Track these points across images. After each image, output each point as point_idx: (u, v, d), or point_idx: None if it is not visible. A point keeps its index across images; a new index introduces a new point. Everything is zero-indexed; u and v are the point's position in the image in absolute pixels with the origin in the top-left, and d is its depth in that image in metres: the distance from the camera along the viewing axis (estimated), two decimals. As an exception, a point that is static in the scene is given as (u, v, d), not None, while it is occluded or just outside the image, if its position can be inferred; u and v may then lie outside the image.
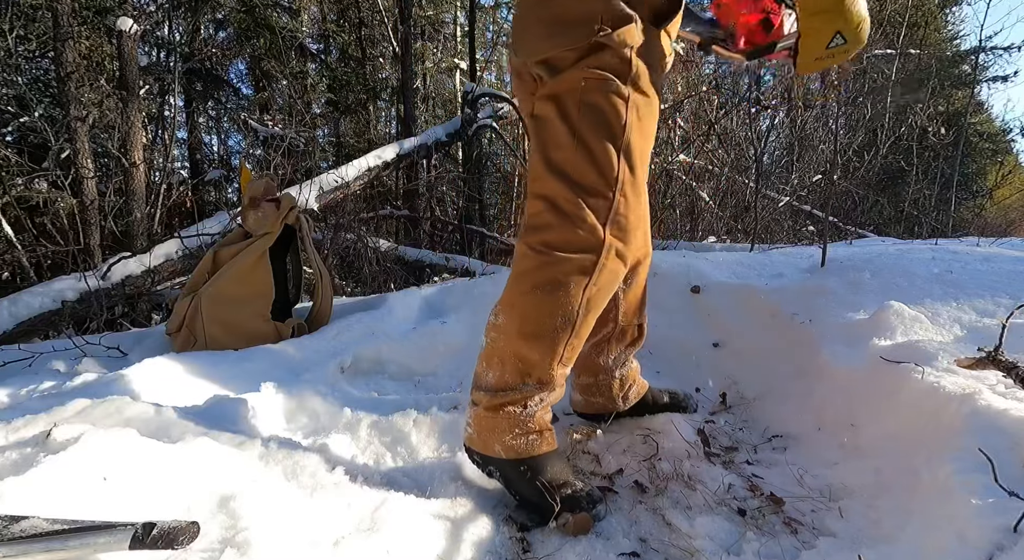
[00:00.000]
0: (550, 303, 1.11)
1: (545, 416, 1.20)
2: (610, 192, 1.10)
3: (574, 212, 1.10)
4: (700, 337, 1.93)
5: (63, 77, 4.10)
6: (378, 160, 4.54)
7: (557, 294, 1.11)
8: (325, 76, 7.94)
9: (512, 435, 1.15)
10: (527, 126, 1.25)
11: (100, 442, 0.97)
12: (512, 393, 1.15)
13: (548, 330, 1.12)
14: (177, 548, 0.77)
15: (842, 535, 1.06)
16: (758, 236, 4.30)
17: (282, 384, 1.56)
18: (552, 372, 1.15)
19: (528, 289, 1.12)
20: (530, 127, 1.17)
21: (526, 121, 1.23)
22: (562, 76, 1.08)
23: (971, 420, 1.07)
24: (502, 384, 1.15)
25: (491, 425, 1.16)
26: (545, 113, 1.12)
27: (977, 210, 9.41)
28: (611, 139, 1.09)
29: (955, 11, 11.55)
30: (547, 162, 1.11)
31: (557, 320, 1.12)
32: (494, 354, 1.17)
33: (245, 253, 2.14)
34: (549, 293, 1.11)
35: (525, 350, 1.14)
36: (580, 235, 1.10)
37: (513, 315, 1.15)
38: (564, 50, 1.07)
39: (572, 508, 1.12)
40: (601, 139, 1.09)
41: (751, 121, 5.12)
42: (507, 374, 1.15)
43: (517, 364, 1.15)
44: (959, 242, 3.31)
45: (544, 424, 1.19)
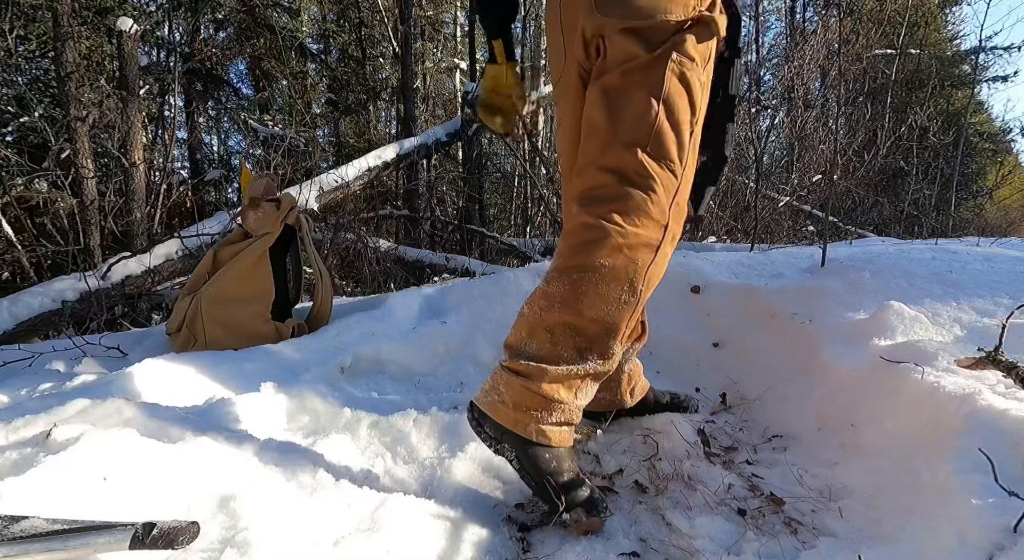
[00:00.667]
0: (618, 276, 1.07)
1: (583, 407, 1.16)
2: (679, 173, 1.10)
3: (648, 186, 1.08)
4: (700, 337, 1.93)
5: (63, 77, 4.11)
6: (378, 160, 4.54)
7: (627, 268, 1.07)
8: (325, 76, 7.94)
9: (554, 421, 1.10)
10: (567, 95, 1.21)
11: (100, 442, 0.97)
12: (568, 367, 1.09)
13: (614, 304, 1.08)
14: (177, 548, 0.77)
15: (842, 535, 1.06)
16: (758, 236, 4.30)
17: (282, 384, 1.56)
18: (613, 349, 1.11)
19: (592, 260, 1.07)
20: (595, 96, 1.13)
21: (569, 88, 1.20)
22: (658, 48, 1.05)
23: (971, 420, 1.07)
24: (553, 356, 1.09)
25: (535, 403, 1.09)
26: (625, 85, 1.08)
27: (977, 210, 9.41)
28: (690, 122, 1.09)
29: (955, 11, 11.57)
30: (621, 134, 1.08)
31: (623, 295, 1.08)
32: (540, 324, 1.10)
33: (245, 253, 2.14)
34: (617, 267, 1.07)
35: (585, 323, 1.08)
36: (652, 211, 1.08)
37: (572, 285, 1.09)
38: (667, 19, 1.05)
39: (589, 509, 1.10)
40: (683, 120, 1.08)
41: (751, 121, 5.12)
42: (559, 347, 1.09)
43: (574, 338, 1.09)
44: (959, 242, 3.31)
45: (579, 416, 1.15)
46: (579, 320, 1.09)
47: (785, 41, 11.10)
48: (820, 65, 6.45)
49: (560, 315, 1.09)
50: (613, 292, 1.08)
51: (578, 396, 1.13)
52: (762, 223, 4.79)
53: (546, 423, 1.11)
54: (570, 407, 1.12)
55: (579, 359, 1.10)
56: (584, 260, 1.08)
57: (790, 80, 6.08)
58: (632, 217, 1.08)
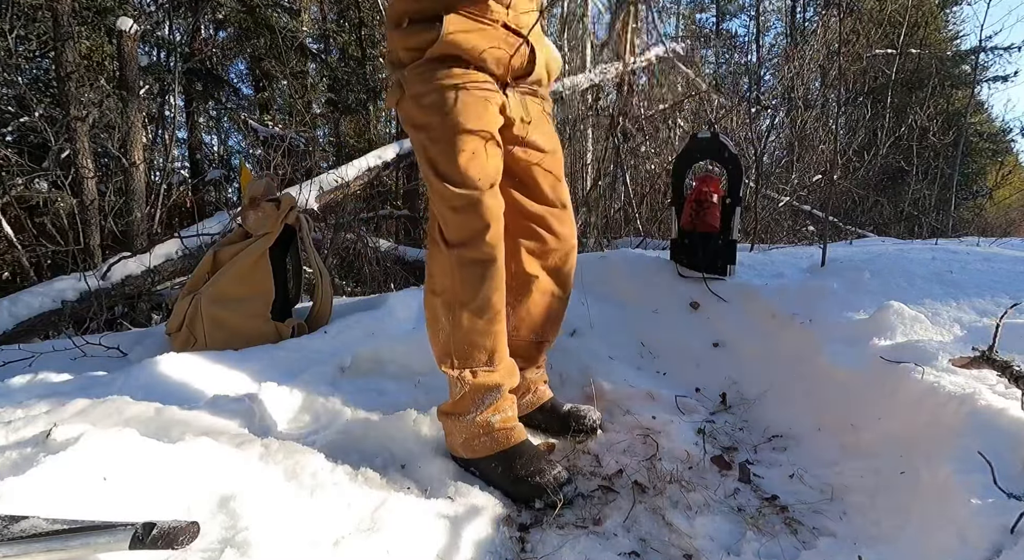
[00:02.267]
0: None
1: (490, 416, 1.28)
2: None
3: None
4: (700, 337, 1.93)
5: (63, 77, 4.10)
6: (378, 160, 4.54)
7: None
8: (325, 76, 7.94)
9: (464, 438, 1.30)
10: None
11: (100, 442, 0.97)
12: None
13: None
14: (177, 548, 0.77)
15: (842, 535, 1.06)
16: (758, 236, 4.30)
17: (282, 384, 1.56)
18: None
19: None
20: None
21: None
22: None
23: (971, 420, 1.07)
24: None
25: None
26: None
27: (977, 210, 9.40)
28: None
29: (955, 11, 11.55)
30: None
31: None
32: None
33: (245, 253, 2.14)
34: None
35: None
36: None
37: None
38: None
39: (540, 495, 1.19)
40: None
41: (751, 121, 5.12)
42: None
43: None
44: (959, 242, 3.30)
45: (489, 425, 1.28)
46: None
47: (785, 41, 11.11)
48: (820, 65, 6.45)
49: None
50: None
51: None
52: (762, 223, 4.79)
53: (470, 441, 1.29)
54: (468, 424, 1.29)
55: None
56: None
57: (790, 80, 6.08)
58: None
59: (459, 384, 1.27)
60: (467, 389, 1.26)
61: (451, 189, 1.19)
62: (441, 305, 1.26)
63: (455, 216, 1.21)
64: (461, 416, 1.28)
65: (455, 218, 1.21)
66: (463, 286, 1.22)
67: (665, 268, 2.20)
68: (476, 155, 1.21)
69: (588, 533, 1.11)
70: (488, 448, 1.26)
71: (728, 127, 5.45)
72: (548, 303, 1.44)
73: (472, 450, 1.28)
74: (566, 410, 1.48)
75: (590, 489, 1.26)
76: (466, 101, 1.20)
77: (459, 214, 1.21)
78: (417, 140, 1.25)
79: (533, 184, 1.37)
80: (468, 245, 1.21)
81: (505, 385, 1.30)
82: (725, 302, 2.00)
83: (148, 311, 3.62)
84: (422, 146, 1.24)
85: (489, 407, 1.27)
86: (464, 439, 1.28)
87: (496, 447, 1.26)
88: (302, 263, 2.42)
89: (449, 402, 1.31)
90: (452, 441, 1.31)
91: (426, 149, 1.23)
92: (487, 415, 1.27)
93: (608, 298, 2.12)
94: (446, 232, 1.24)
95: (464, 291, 1.22)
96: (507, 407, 1.30)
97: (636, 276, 2.18)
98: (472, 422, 1.27)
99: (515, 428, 1.30)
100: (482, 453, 1.27)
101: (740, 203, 2.09)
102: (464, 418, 1.27)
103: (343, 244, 4.27)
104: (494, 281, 1.23)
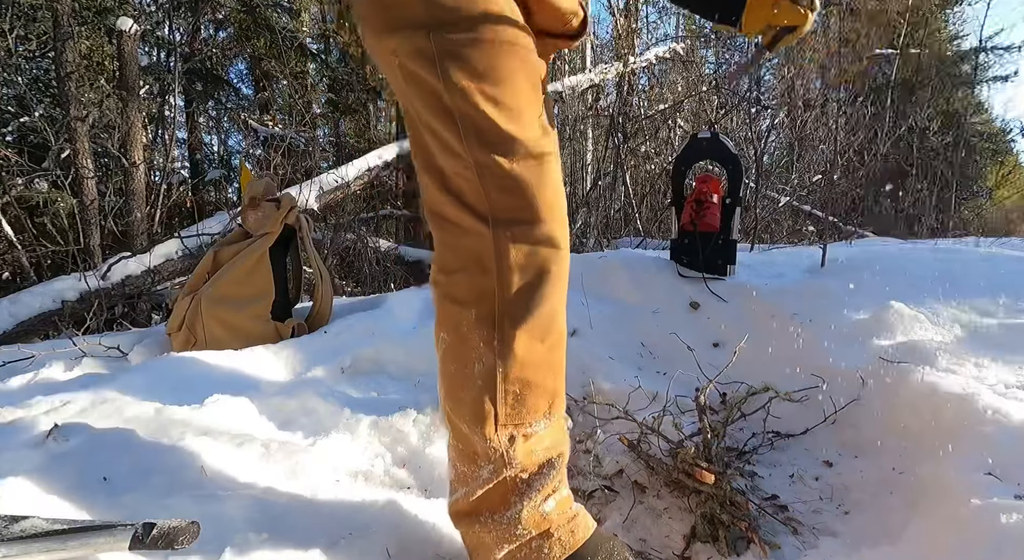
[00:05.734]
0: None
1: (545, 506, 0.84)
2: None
3: None
4: (700, 337, 1.93)
5: (63, 77, 4.10)
6: (379, 160, 4.54)
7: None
8: (325, 76, 7.94)
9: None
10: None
11: (100, 442, 0.97)
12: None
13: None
14: (177, 548, 0.77)
15: (842, 535, 1.06)
16: (758, 236, 4.30)
17: (282, 384, 1.56)
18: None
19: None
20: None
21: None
22: None
23: (971, 420, 1.07)
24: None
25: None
26: None
27: (977, 210, 9.40)
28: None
29: (955, 11, 11.55)
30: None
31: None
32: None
33: (245, 253, 2.14)
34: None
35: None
36: None
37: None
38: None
39: None
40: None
41: (751, 121, 5.12)
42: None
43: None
44: (959, 242, 3.31)
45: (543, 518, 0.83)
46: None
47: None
48: (820, 65, 6.45)
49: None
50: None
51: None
52: (762, 223, 4.79)
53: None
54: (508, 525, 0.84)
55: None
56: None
57: (790, 80, 6.08)
58: None
59: (493, 457, 0.81)
60: (511, 466, 0.81)
61: (511, 122, 0.78)
62: (473, 321, 0.81)
63: (516, 173, 0.79)
64: (495, 514, 0.82)
65: (515, 176, 0.79)
66: (517, 290, 0.80)
67: (665, 268, 2.20)
68: (541, 104, 0.85)
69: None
70: (546, 558, 0.82)
71: (728, 127, 5.46)
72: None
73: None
74: None
75: (590, 489, 1.26)
76: (517, 15, 0.82)
77: (523, 170, 0.79)
78: (440, 44, 0.77)
79: None
80: (534, 222, 0.80)
81: (566, 452, 0.88)
82: (725, 302, 2.00)
83: (148, 311, 3.62)
84: (452, 52, 0.77)
85: (543, 492, 0.83)
86: (509, 552, 0.82)
87: (556, 554, 0.82)
88: (302, 263, 2.42)
89: (471, 497, 0.84)
90: (486, 555, 0.84)
91: (461, 55, 0.77)
92: (539, 505, 0.82)
93: (608, 298, 2.11)
94: (491, 199, 0.79)
95: (518, 298, 0.80)
96: (563, 485, 0.87)
97: (636, 276, 2.18)
98: (516, 520, 0.81)
99: (579, 516, 0.86)
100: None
101: (740, 203, 2.09)
102: (503, 516, 0.82)
103: (343, 244, 4.27)
104: (562, 283, 0.84)
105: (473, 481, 0.84)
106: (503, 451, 0.81)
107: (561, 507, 0.84)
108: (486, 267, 0.80)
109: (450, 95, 0.78)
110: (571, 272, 0.92)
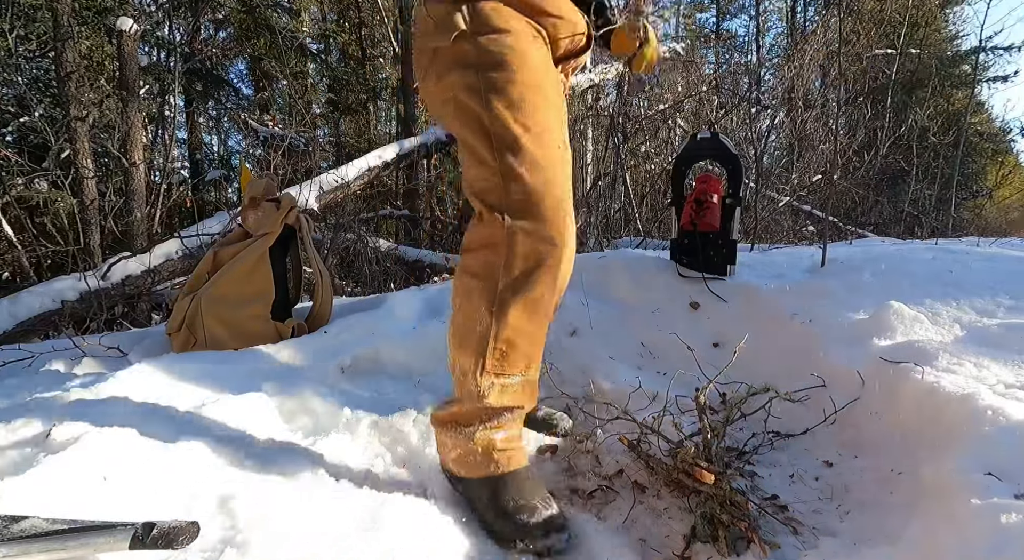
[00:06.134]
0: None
1: (493, 435, 1.10)
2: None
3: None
4: (700, 337, 1.93)
5: (63, 77, 4.11)
6: (378, 160, 4.54)
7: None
8: (325, 76, 7.95)
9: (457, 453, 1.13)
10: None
11: (100, 442, 0.97)
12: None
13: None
14: (177, 548, 0.77)
15: (843, 535, 1.06)
16: (758, 236, 4.30)
17: (282, 384, 1.56)
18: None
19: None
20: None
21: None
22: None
23: (971, 420, 1.07)
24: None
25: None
26: None
27: (977, 210, 9.40)
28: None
29: (955, 11, 11.56)
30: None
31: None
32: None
33: (245, 253, 2.14)
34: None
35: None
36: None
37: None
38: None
39: (523, 538, 1.04)
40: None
41: (751, 121, 5.12)
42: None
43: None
44: (959, 242, 3.31)
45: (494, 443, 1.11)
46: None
47: (785, 41, 11.11)
48: (820, 65, 6.45)
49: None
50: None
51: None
52: (762, 223, 4.79)
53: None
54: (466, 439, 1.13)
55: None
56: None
57: (790, 80, 6.08)
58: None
59: (476, 393, 1.08)
60: (484, 401, 1.08)
61: (533, 140, 1.00)
62: (482, 291, 1.05)
63: (530, 175, 1.00)
64: (461, 428, 1.10)
65: (528, 178, 1.00)
66: (521, 271, 1.02)
67: (665, 268, 2.20)
68: (558, 116, 1.05)
69: (588, 533, 1.10)
70: (481, 469, 1.10)
71: (728, 127, 5.46)
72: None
73: (464, 467, 1.12)
74: (540, 416, 1.45)
75: (590, 489, 1.26)
76: (549, 66, 1.07)
77: (535, 174, 1.01)
78: (483, 83, 1.01)
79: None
80: (540, 217, 1.01)
81: (526, 408, 1.14)
82: (725, 302, 2.00)
83: (148, 311, 3.62)
84: (494, 87, 1.00)
85: (498, 426, 1.10)
86: (458, 454, 1.12)
87: (490, 470, 1.09)
88: (302, 263, 2.42)
89: (450, 409, 1.13)
90: (443, 452, 1.16)
91: (501, 91, 1.00)
92: (491, 432, 1.10)
93: (608, 298, 2.12)
94: (508, 196, 1.01)
95: (517, 279, 1.02)
96: (515, 427, 1.13)
97: (636, 276, 2.18)
98: (471, 437, 1.10)
99: (516, 451, 1.13)
100: (473, 473, 1.11)
101: (740, 203, 2.09)
102: (464, 431, 1.10)
103: (343, 244, 4.27)
104: (563, 269, 1.05)
105: (456, 402, 1.13)
106: (482, 390, 1.07)
107: (507, 441, 1.11)
108: (498, 250, 1.03)
109: (490, 119, 1.01)
110: (571, 272, 1.06)
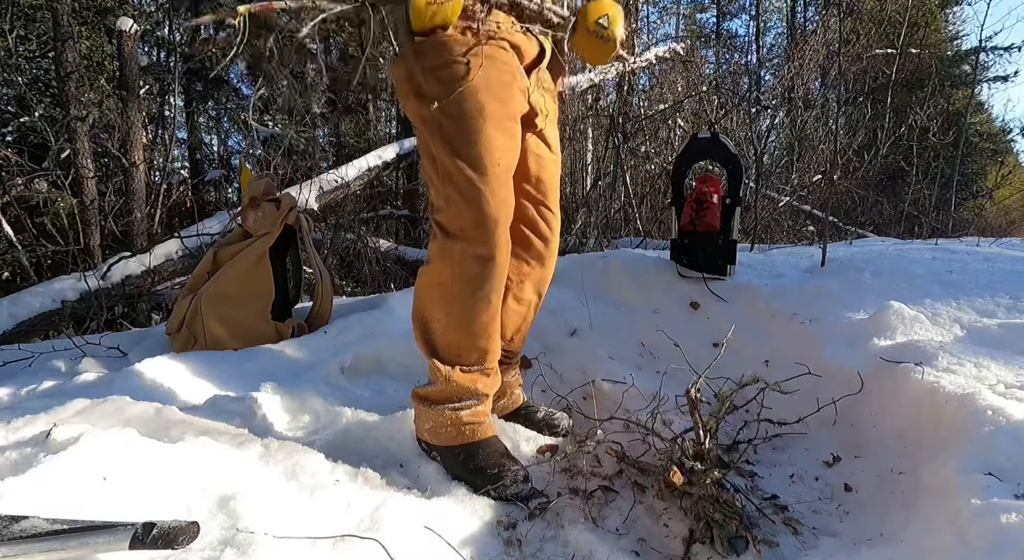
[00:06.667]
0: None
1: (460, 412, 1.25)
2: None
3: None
4: (700, 337, 1.93)
5: (63, 77, 4.11)
6: (378, 160, 4.54)
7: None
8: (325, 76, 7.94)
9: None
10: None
11: (100, 442, 0.97)
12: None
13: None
14: (177, 548, 0.77)
15: (843, 535, 1.06)
16: (758, 236, 4.30)
17: (282, 384, 1.56)
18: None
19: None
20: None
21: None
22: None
23: (971, 420, 1.07)
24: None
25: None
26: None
27: (977, 210, 9.40)
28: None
29: (955, 11, 11.56)
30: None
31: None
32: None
33: (245, 253, 2.14)
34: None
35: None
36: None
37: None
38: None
39: (495, 486, 1.18)
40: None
41: (751, 121, 5.12)
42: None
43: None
44: (959, 242, 3.31)
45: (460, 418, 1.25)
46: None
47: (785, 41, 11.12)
48: (820, 65, 6.45)
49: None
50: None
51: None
52: (762, 223, 4.79)
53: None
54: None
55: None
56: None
57: (790, 80, 6.08)
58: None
59: (442, 378, 1.23)
60: (450, 385, 1.23)
61: (466, 170, 1.12)
62: (437, 296, 1.22)
63: (463, 203, 1.14)
64: (433, 404, 1.25)
65: (462, 206, 1.14)
66: (463, 282, 1.18)
67: (665, 268, 2.20)
68: (497, 136, 1.14)
69: (588, 533, 1.11)
70: (453, 438, 1.24)
71: (728, 127, 5.45)
72: (523, 311, 1.42)
73: (437, 436, 1.26)
74: (540, 416, 1.47)
75: (590, 489, 1.26)
76: (491, 77, 1.14)
77: (468, 202, 1.13)
78: (430, 116, 1.15)
79: (536, 183, 1.32)
80: (472, 239, 1.15)
81: (488, 395, 1.28)
82: (725, 302, 2.00)
83: (148, 311, 3.62)
84: (436, 122, 1.15)
85: (463, 406, 1.25)
86: (431, 426, 1.26)
87: (461, 439, 1.24)
88: (302, 263, 2.42)
89: (427, 389, 1.28)
90: (419, 424, 1.30)
91: (441, 125, 1.14)
92: (457, 411, 1.24)
93: (608, 298, 2.12)
94: (449, 221, 1.17)
95: (464, 288, 1.18)
96: (480, 406, 1.27)
97: (636, 276, 2.18)
98: (442, 412, 1.24)
99: (483, 423, 1.27)
100: (446, 442, 1.25)
101: (740, 203, 2.10)
102: (436, 407, 1.25)
103: (343, 244, 4.27)
104: (495, 281, 1.18)
105: (431, 384, 1.28)
106: (446, 373, 1.23)
107: (472, 415, 1.25)
108: (445, 263, 1.19)
109: (435, 148, 1.17)
110: (571, 272, 1.10)
